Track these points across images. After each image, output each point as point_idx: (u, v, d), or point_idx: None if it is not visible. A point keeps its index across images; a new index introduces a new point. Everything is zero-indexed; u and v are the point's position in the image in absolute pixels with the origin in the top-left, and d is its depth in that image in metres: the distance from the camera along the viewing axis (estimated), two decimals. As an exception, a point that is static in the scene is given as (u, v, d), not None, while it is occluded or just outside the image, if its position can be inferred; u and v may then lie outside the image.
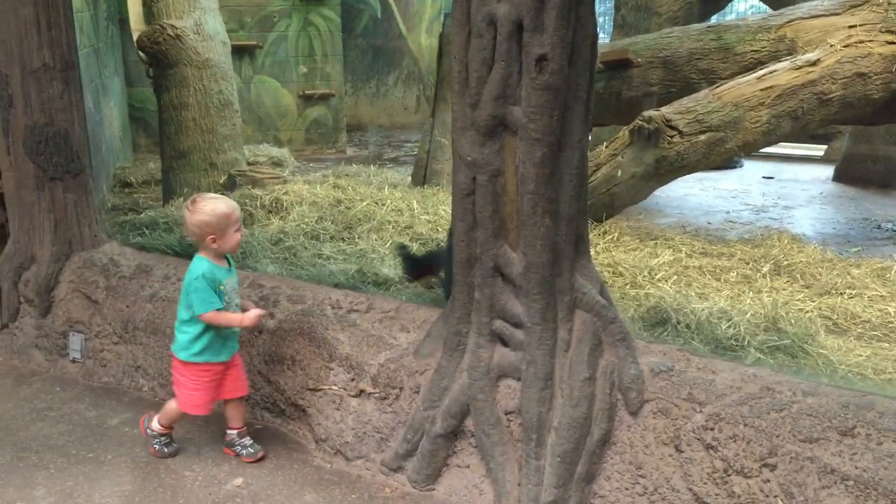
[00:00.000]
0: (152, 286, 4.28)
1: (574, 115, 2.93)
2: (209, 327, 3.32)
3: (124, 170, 8.20)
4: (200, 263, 3.31)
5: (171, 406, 3.49)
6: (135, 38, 6.78)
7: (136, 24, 8.08)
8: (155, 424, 3.53)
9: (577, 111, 2.93)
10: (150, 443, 3.56)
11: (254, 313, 3.37)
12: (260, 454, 3.50)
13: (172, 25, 6.23)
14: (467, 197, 3.05)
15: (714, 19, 9.56)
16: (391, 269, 4.59)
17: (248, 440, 3.54)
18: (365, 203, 5.78)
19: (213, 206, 3.28)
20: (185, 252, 4.70)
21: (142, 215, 5.69)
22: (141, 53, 6.48)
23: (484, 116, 2.92)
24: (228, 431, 3.55)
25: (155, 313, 4.16)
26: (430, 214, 5.45)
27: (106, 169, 7.46)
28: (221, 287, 3.31)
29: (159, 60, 6.33)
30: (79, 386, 4.26)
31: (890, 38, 5.43)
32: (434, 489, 3.26)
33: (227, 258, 3.43)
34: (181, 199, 6.26)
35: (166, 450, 3.54)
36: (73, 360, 4.39)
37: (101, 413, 3.95)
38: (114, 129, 8.45)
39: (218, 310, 3.28)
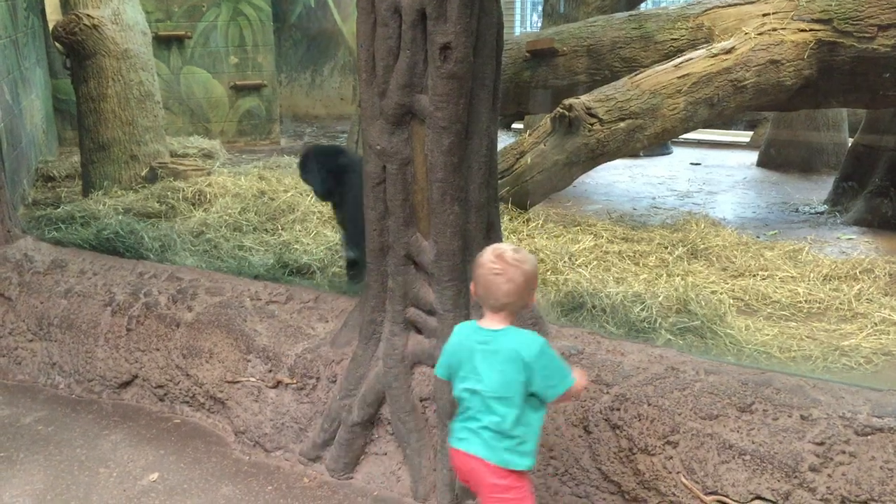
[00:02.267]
0: (67, 281, 4.20)
1: (481, 104, 2.96)
2: (541, 412, 2.44)
3: (48, 163, 7.99)
4: (522, 332, 2.42)
5: None
6: (51, 27, 6.60)
7: (53, 13, 7.87)
8: None
9: (483, 99, 2.96)
10: None
11: (582, 373, 2.54)
12: None
13: (89, 15, 6.08)
14: (378, 186, 3.07)
15: (649, 6, 9.73)
16: (310, 257, 4.58)
17: None
18: (289, 194, 5.75)
19: (526, 254, 2.45)
20: (102, 246, 4.62)
21: (59, 210, 5.56)
22: (57, 44, 6.31)
23: (391, 105, 2.93)
24: None
25: (70, 309, 4.09)
26: (356, 204, 5.43)
27: (27, 163, 7.26)
28: None
29: (76, 51, 6.17)
30: (-8, 385, 4.16)
31: (802, 25, 5.58)
32: (352, 477, 3.27)
33: None
34: (101, 192, 6.13)
35: None
36: (-13, 359, 4.28)
37: (14, 412, 3.87)
38: (36, 121, 8.21)
39: None
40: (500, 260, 2.37)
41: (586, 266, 4.57)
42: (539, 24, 11.35)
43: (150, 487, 3.24)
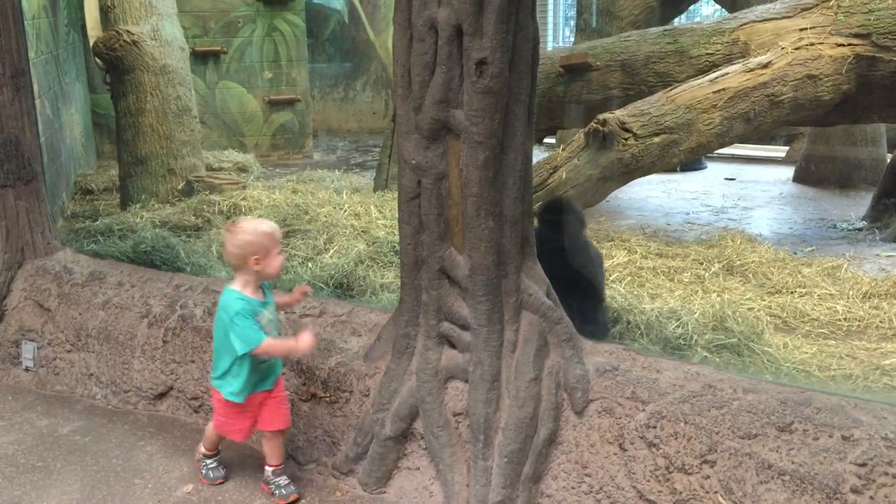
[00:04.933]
0: (105, 293, 4.26)
1: (516, 119, 2.95)
2: (246, 363, 3.10)
3: (86, 177, 8.13)
4: (232, 295, 3.07)
5: (209, 428, 3.35)
6: (91, 43, 6.74)
7: (94, 29, 8.01)
8: (200, 448, 3.41)
9: (519, 114, 2.96)
10: (198, 470, 3.41)
11: (307, 336, 3.10)
12: (293, 497, 3.22)
13: (129, 31, 6.21)
14: (413, 200, 3.07)
15: (683, 20, 9.69)
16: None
17: (283, 479, 3.26)
18: (325, 210, 5.79)
19: (254, 224, 3.08)
20: (140, 259, 4.69)
21: (97, 222, 5.65)
22: (97, 59, 6.44)
23: (427, 120, 2.94)
24: (266, 467, 3.30)
25: (108, 320, 4.14)
26: (388, 219, 5.46)
27: (66, 176, 7.39)
28: (258, 319, 3.09)
29: (116, 66, 6.29)
30: (31, 395, 4.22)
31: (839, 40, 5.52)
32: (384, 492, 3.26)
33: (263, 288, 3.19)
34: (139, 205, 6.23)
35: (212, 474, 3.37)
36: (26, 369, 4.35)
37: (52, 422, 3.92)
38: (75, 135, 8.37)
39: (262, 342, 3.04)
40: (230, 226, 3.09)
41: (620, 282, 4.54)
42: (571, 39, 11.36)
43: (185, 499, 3.26)
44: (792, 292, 4.54)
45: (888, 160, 7.37)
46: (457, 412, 3.14)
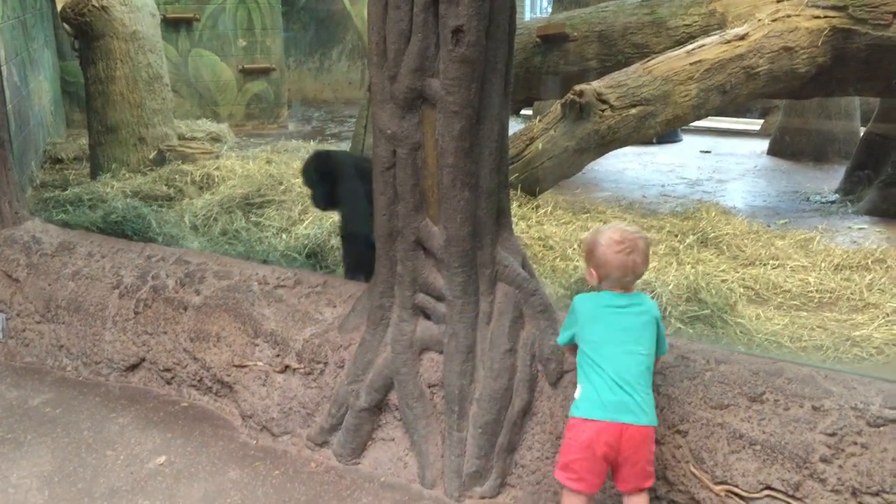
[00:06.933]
0: (75, 263, 4.19)
1: (492, 88, 2.92)
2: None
3: (55, 145, 7.98)
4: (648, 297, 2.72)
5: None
6: (59, 8, 6.58)
7: (61, -6, 7.83)
8: None
9: (495, 83, 2.93)
10: None
11: None
12: None
13: (98, -4, 6.08)
14: (388, 170, 3.04)
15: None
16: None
17: None
18: (300, 180, 5.71)
19: (633, 225, 2.72)
20: (110, 229, 4.62)
21: (67, 192, 5.56)
22: (66, 25, 6.30)
23: (402, 89, 2.90)
24: None
25: (78, 291, 4.08)
26: (364, 189, 5.42)
27: (35, 145, 7.25)
28: None
29: (84, 32, 6.16)
30: (0, 366, 4.16)
31: (816, 12, 5.52)
32: (359, 463, 3.26)
33: None
34: (109, 174, 6.13)
35: None
36: (-5, 341, 4.29)
37: (22, 393, 3.87)
38: (44, 103, 8.21)
39: None
40: (625, 239, 2.57)
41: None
42: (549, 10, 11.28)
43: (157, 471, 3.24)
44: (765, 264, 4.57)
45: (861, 133, 7.43)
46: (431, 383, 3.14)
